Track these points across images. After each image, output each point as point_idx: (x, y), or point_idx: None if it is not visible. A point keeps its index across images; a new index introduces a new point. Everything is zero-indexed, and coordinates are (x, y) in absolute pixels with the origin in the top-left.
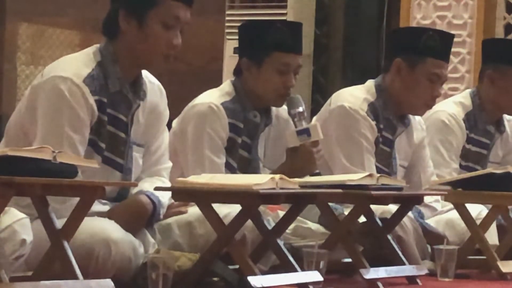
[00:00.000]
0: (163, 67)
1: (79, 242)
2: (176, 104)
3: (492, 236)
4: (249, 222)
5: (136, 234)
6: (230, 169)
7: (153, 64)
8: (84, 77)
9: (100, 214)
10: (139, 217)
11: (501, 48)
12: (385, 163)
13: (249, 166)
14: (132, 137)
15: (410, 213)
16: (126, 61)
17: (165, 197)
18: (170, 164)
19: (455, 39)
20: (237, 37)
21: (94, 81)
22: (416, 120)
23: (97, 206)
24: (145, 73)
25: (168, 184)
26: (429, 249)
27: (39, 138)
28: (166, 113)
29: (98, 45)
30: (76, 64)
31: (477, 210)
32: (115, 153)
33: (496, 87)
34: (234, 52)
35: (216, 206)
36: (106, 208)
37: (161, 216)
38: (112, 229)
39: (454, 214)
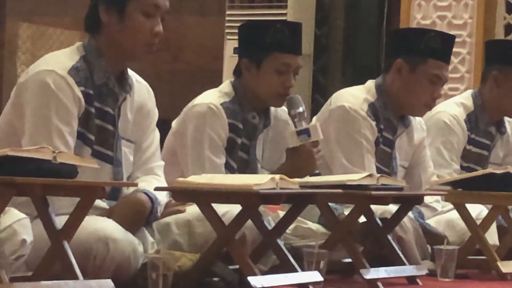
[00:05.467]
0: (162, 66)
1: (77, 240)
2: (176, 104)
3: (492, 236)
4: (249, 222)
5: (136, 233)
6: (230, 169)
7: (137, 55)
8: (68, 69)
9: (99, 209)
10: (138, 214)
11: (506, 50)
12: (385, 163)
13: (247, 167)
14: (121, 131)
15: (410, 213)
16: (111, 55)
17: (162, 195)
18: (162, 162)
19: (455, 39)
20: (237, 37)
21: (79, 73)
22: (417, 121)
23: (96, 202)
24: (131, 73)
25: (164, 182)
26: (429, 249)
27: (28, 132)
28: (155, 112)
29: (81, 42)
30: (59, 58)
31: (477, 210)
32: (104, 146)
33: (501, 88)
34: (234, 52)
35: (214, 205)
36: (103, 204)
37: (159, 214)
38: (110, 228)
39: (454, 214)
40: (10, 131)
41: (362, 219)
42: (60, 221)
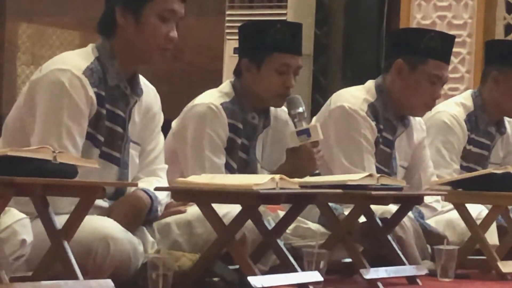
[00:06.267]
0: (162, 66)
1: (78, 239)
2: (176, 104)
3: (492, 236)
4: (249, 222)
5: (136, 233)
6: (230, 170)
7: (151, 59)
8: (83, 70)
9: (100, 209)
10: (138, 211)
11: (506, 50)
12: (385, 163)
13: (247, 168)
14: (129, 133)
15: (410, 213)
16: (124, 57)
17: (163, 195)
18: (165, 165)
19: (455, 39)
20: (237, 37)
21: (93, 74)
22: (416, 121)
23: (97, 201)
24: (140, 76)
25: (166, 183)
26: (429, 249)
27: (38, 129)
28: (161, 116)
29: (94, 44)
30: (74, 58)
31: (477, 210)
32: (112, 148)
33: (500, 88)
34: (234, 52)
35: (215, 206)
36: (104, 203)
37: (159, 213)
38: (111, 227)
39: (454, 214)
40: (19, 129)
41: (362, 219)
42: (60, 221)
